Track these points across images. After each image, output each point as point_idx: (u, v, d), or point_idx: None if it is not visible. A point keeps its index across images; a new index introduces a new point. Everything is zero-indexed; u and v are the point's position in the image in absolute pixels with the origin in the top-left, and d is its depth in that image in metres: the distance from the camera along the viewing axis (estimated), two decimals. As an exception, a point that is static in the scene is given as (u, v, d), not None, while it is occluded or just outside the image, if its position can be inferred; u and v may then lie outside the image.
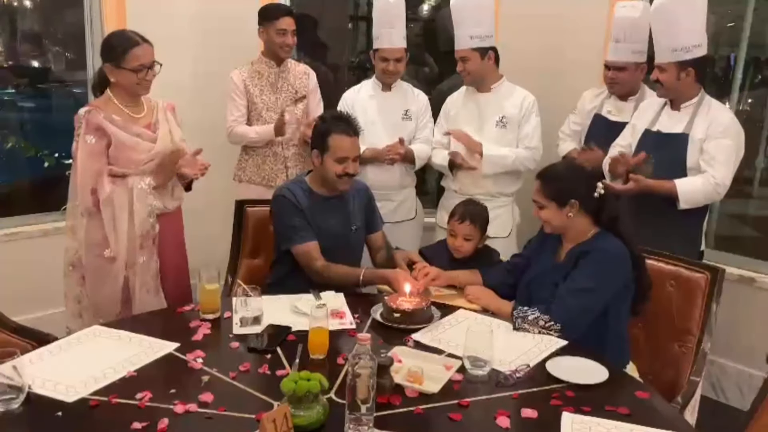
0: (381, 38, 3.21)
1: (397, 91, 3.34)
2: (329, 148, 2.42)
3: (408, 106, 3.34)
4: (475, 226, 2.58)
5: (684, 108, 2.75)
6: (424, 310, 2.13)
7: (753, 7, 3.46)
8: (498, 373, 1.78)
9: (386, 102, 3.32)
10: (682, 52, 2.63)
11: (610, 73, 3.15)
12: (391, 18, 3.18)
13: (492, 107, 3.17)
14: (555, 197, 2.14)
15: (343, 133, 2.42)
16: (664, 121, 2.80)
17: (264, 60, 3.31)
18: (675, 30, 2.63)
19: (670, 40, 2.64)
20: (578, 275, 2.10)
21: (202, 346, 1.90)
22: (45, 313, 3.12)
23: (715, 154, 2.64)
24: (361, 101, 3.31)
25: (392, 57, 3.21)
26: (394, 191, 3.34)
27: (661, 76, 2.71)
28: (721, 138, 2.64)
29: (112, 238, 2.37)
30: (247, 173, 3.36)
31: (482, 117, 3.18)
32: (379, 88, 3.33)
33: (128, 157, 2.40)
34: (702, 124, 2.68)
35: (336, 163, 2.43)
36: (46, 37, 4.23)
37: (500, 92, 3.19)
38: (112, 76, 2.40)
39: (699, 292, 2.26)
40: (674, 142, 2.72)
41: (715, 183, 2.62)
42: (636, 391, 1.76)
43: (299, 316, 2.09)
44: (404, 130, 3.30)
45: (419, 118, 3.36)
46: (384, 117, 3.29)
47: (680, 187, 2.63)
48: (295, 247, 2.44)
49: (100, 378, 1.68)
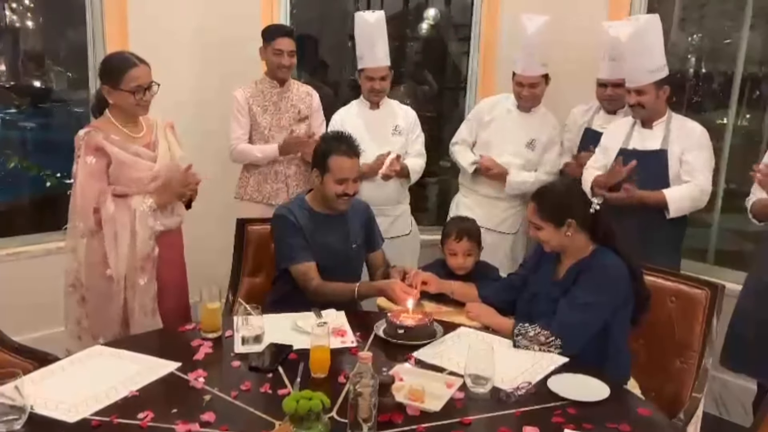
0: (364, 58, 3.27)
1: (384, 108, 3.40)
2: (329, 169, 2.44)
3: (397, 121, 3.39)
4: (472, 241, 2.61)
5: (656, 125, 2.92)
6: (427, 326, 2.15)
7: (749, 24, 3.50)
8: (499, 391, 1.78)
9: (375, 119, 3.37)
10: (657, 72, 2.81)
11: (608, 90, 3.22)
12: (371, 37, 3.23)
13: (527, 129, 3.38)
14: (552, 218, 2.15)
15: (344, 155, 2.44)
16: (638, 140, 2.94)
17: (267, 80, 3.34)
18: (650, 52, 2.80)
19: (648, 62, 2.80)
20: (579, 291, 2.10)
21: (204, 365, 1.90)
22: (46, 333, 3.11)
23: (696, 165, 2.82)
24: (351, 120, 3.34)
25: (376, 75, 3.26)
26: (390, 207, 3.38)
27: (641, 99, 2.85)
28: (697, 149, 2.84)
29: (112, 257, 2.37)
30: (248, 191, 3.37)
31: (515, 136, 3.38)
32: (367, 107, 3.38)
33: (129, 176, 2.41)
34: (677, 139, 2.86)
35: (336, 184, 2.45)
36: (48, 57, 4.26)
37: (538, 115, 3.42)
38: (111, 98, 2.42)
39: (699, 307, 2.27)
40: (654, 158, 2.87)
41: (701, 190, 2.81)
42: (637, 408, 1.76)
43: (300, 334, 2.09)
44: (395, 145, 3.35)
45: (409, 133, 3.41)
46: (373, 134, 3.33)
47: (669, 196, 2.80)
48: (292, 267, 2.45)
49: (102, 398, 1.68)
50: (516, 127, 3.37)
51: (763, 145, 3.63)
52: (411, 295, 2.29)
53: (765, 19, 3.65)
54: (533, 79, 3.26)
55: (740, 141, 2.79)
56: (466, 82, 4.08)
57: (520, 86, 3.31)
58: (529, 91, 3.28)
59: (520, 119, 3.38)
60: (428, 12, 5.69)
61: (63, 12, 4.06)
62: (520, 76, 3.29)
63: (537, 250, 2.39)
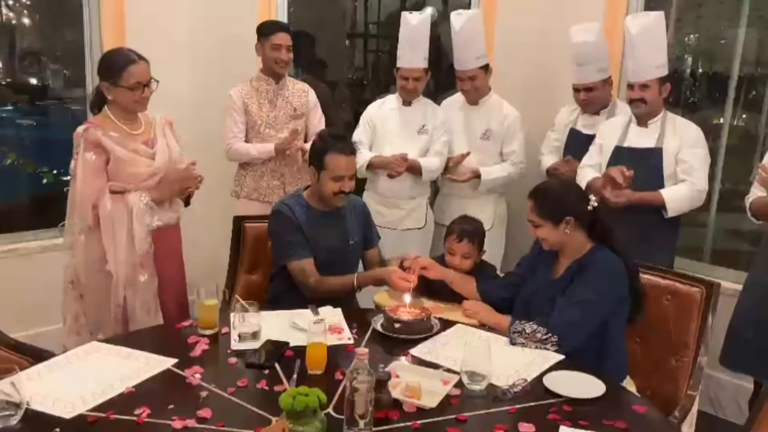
0: (402, 57, 3.36)
1: (416, 107, 3.46)
2: (326, 167, 2.45)
3: (425, 121, 3.45)
4: (473, 244, 2.59)
5: (652, 124, 2.94)
6: (424, 320, 2.16)
7: (745, 25, 3.51)
8: (495, 388, 1.79)
9: (405, 116, 3.44)
10: (662, 68, 2.84)
11: (581, 95, 3.29)
12: (412, 39, 3.32)
13: (479, 121, 3.43)
14: (550, 216, 2.15)
15: (340, 153, 2.45)
16: (634, 138, 2.96)
17: (262, 77, 3.34)
18: (657, 48, 2.82)
19: (653, 57, 2.82)
20: (577, 288, 2.11)
21: (201, 361, 1.90)
22: (43, 330, 3.11)
23: (692, 163, 2.84)
24: (383, 113, 3.47)
25: (410, 76, 3.34)
26: (403, 200, 3.44)
27: (645, 94, 2.86)
28: (693, 148, 2.85)
29: (111, 255, 2.37)
30: (244, 189, 3.37)
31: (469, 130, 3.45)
32: (400, 103, 3.46)
33: (127, 172, 2.41)
34: (672, 137, 2.88)
35: (332, 182, 2.45)
36: (45, 55, 4.25)
37: (489, 107, 3.45)
38: (110, 95, 2.41)
39: (695, 306, 2.27)
40: (649, 156, 2.89)
41: (698, 189, 2.83)
42: (633, 406, 1.77)
43: (297, 331, 2.10)
44: (418, 144, 3.41)
45: (434, 133, 3.46)
46: (401, 130, 3.42)
47: (667, 196, 2.82)
48: (290, 264, 2.46)
49: (98, 394, 1.68)
50: (466, 121, 3.45)
51: (759, 145, 3.64)
52: (409, 281, 2.31)
53: (761, 20, 3.66)
54: (471, 73, 3.32)
55: (736, 141, 2.80)
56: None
57: (460, 81, 3.39)
58: (469, 84, 3.36)
59: (470, 113, 3.46)
60: (426, 11, 5.70)
61: (60, 10, 4.06)
62: (458, 71, 3.38)
63: (535, 248, 2.39)
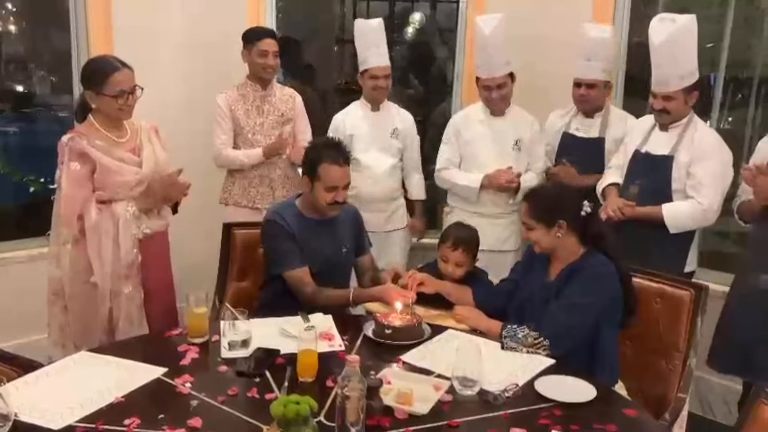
0: (369, 59, 3.36)
1: (384, 111, 3.48)
2: (320, 177, 2.42)
3: (395, 125, 3.47)
4: (467, 253, 2.60)
5: (672, 129, 2.79)
6: (415, 326, 2.16)
7: (730, 28, 3.54)
8: (487, 393, 1.79)
9: (375, 121, 3.44)
10: (688, 77, 2.68)
11: (581, 90, 3.23)
12: (375, 39, 3.35)
13: (509, 132, 3.29)
14: (543, 218, 2.16)
15: (334, 163, 2.42)
16: (653, 142, 2.84)
17: (249, 83, 3.34)
18: (682, 57, 2.66)
19: (678, 68, 2.66)
20: (569, 292, 2.12)
21: (190, 370, 1.89)
22: (30, 339, 3.08)
23: (702, 179, 2.67)
24: (351, 121, 3.43)
25: (381, 74, 3.35)
26: (384, 203, 3.46)
27: (668, 105, 2.71)
28: (706, 161, 2.67)
29: (96, 266, 2.35)
30: (233, 196, 3.36)
31: (499, 140, 3.29)
32: (368, 109, 3.45)
33: (114, 181, 2.39)
34: (687, 146, 2.72)
35: (326, 192, 2.43)
36: (31, 61, 4.22)
37: (514, 116, 3.32)
38: (94, 103, 2.40)
39: (684, 309, 2.28)
40: (660, 164, 2.77)
41: (703, 209, 2.66)
42: (624, 409, 1.77)
43: (288, 338, 2.09)
44: (392, 148, 3.45)
45: (406, 138, 3.49)
46: (373, 135, 3.42)
47: (667, 214, 2.69)
48: (286, 273, 2.44)
49: (87, 404, 1.66)
50: (496, 133, 3.30)
51: (745, 148, 3.67)
52: (407, 298, 2.29)
53: (746, 23, 3.70)
54: (500, 80, 3.18)
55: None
56: (452, 86, 4.10)
57: (487, 90, 3.21)
58: (497, 93, 3.19)
59: (498, 124, 3.31)
60: (414, 16, 5.72)
61: (46, 15, 4.03)
62: (485, 79, 3.21)
63: (528, 253, 2.40)
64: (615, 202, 2.79)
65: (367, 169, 3.38)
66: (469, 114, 3.39)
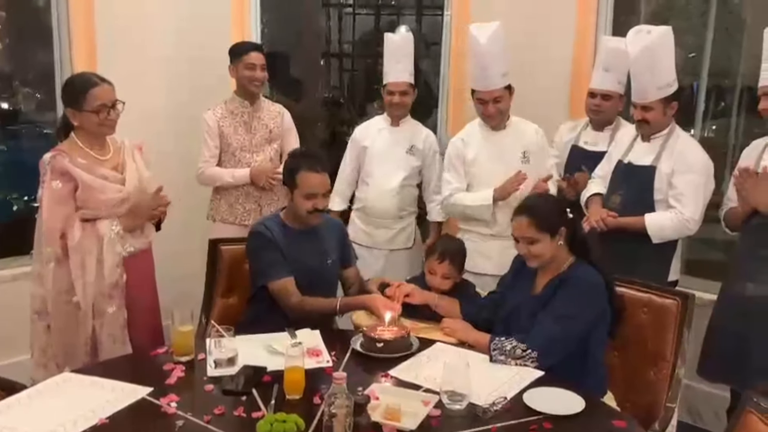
0: (389, 73, 3.38)
1: (405, 127, 3.46)
2: (298, 185, 2.44)
3: (414, 141, 3.43)
4: (453, 265, 2.60)
5: (654, 139, 2.81)
6: (404, 338, 2.16)
7: (711, 38, 3.58)
8: (476, 407, 1.78)
9: (393, 136, 3.43)
10: (666, 87, 2.70)
11: (595, 101, 3.18)
12: (397, 54, 3.36)
13: (514, 145, 3.08)
14: (548, 228, 2.16)
15: (311, 170, 2.43)
16: (636, 152, 2.86)
17: (237, 99, 3.32)
18: (659, 68, 2.68)
19: (655, 78, 2.68)
20: (557, 304, 2.12)
21: (176, 389, 1.87)
22: (11, 361, 3.04)
23: (683, 190, 2.69)
24: (371, 134, 3.46)
25: (397, 90, 3.34)
26: (390, 219, 3.42)
27: (647, 115, 2.74)
28: (688, 173, 2.70)
29: (79, 285, 2.33)
30: (220, 213, 3.34)
31: (505, 155, 3.06)
32: (389, 123, 3.46)
33: (97, 199, 2.37)
34: (669, 157, 2.74)
35: (305, 200, 2.44)
36: (16, 78, 4.20)
37: (516, 128, 3.12)
38: (75, 120, 2.39)
39: (671, 317, 2.28)
40: (642, 174, 2.78)
41: (684, 219, 2.68)
42: (613, 420, 1.77)
43: (275, 355, 2.07)
44: (407, 165, 3.41)
45: (426, 157, 3.44)
46: (389, 149, 3.41)
47: (649, 224, 2.70)
48: (271, 283, 2.43)
49: (70, 427, 1.63)
50: (501, 148, 3.06)
51: (729, 156, 3.71)
52: (394, 309, 2.30)
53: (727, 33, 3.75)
54: (497, 93, 2.97)
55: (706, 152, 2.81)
56: (438, 98, 4.11)
57: (482, 103, 3.00)
58: (494, 106, 2.98)
59: (501, 138, 3.07)
60: (400, 29, 5.74)
61: (30, 32, 4.01)
62: (481, 92, 2.99)
63: (514, 265, 2.40)
64: (598, 212, 2.79)
65: (375, 183, 3.39)
66: (469, 133, 3.15)
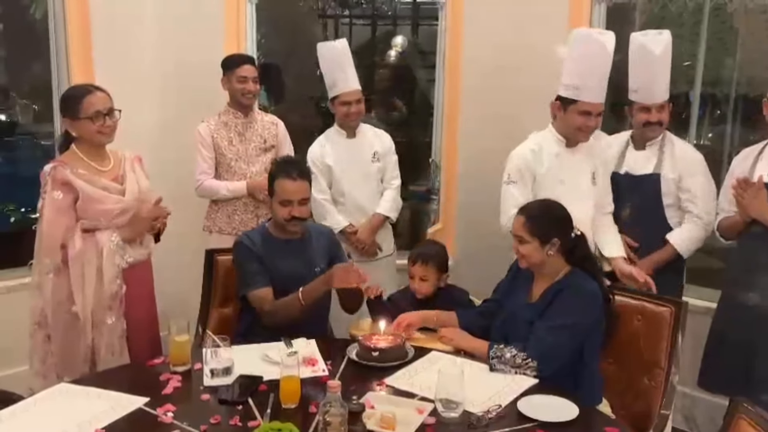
0: (337, 84, 3.24)
1: (361, 136, 3.37)
2: (275, 192, 2.44)
3: (375, 147, 3.38)
4: (427, 266, 2.61)
5: (649, 147, 2.83)
6: (401, 346, 2.17)
7: (705, 47, 3.62)
8: (470, 415, 1.78)
9: (354, 147, 3.34)
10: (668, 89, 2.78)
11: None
12: (341, 63, 3.23)
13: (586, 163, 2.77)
14: (540, 235, 2.17)
15: (287, 177, 2.42)
16: (631, 162, 2.87)
17: (230, 111, 3.33)
18: (668, 69, 2.76)
19: (667, 78, 2.76)
20: (555, 312, 2.13)
21: (173, 399, 1.87)
22: (9, 372, 3.04)
23: (696, 192, 2.76)
24: (330, 152, 3.31)
25: (352, 99, 3.24)
26: None
27: (663, 116, 2.78)
28: (696, 175, 2.77)
29: (78, 296, 2.34)
30: (217, 224, 3.34)
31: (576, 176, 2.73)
32: (344, 136, 3.34)
33: (97, 210, 2.38)
34: (671, 162, 2.79)
35: (281, 206, 2.44)
36: (13, 90, 4.22)
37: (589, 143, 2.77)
38: (73, 130, 2.41)
39: (665, 325, 2.29)
40: (647, 183, 2.81)
41: (704, 223, 2.76)
42: (607, 427, 1.78)
43: (270, 365, 2.07)
44: (376, 174, 3.37)
45: (385, 157, 3.40)
46: (353, 164, 3.32)
47: (680, 246, 2.77)
48: (249, 293, 2.44)
49: (68, 437, 1.64)
50: (573, 167, 2.73)
51: (724, 164, 3.73)
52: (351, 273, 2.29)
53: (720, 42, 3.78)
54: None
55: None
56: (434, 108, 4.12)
57: (586, 115, 2.61)
58: (595, 120, 2.65)
59: (575, 155, 2.74)
60: (396, 40, 5.78)
61: (28, 44, 4.03)
62: (588, 104, 2.59)
63: (510, 272, 2.41)
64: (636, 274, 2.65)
65: (352, 201, 3.31)
66: (542, 146, 2.73)
